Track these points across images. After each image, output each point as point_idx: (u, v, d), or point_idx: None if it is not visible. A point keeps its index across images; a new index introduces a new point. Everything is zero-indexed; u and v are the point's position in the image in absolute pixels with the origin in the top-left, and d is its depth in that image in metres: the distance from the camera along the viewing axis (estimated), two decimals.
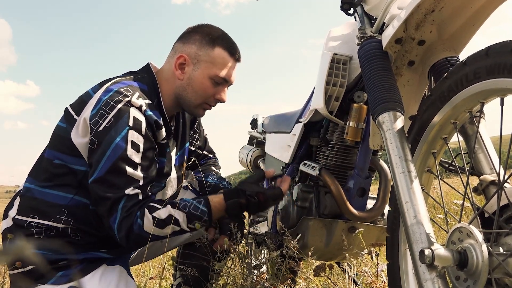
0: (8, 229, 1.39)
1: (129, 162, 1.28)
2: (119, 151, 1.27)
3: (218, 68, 1.45)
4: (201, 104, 1.49)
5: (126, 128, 1.28)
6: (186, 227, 1.33)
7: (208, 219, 1.35)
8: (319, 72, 1.46)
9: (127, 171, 1.28)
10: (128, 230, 1.28)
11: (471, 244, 0.73)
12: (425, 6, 0.96)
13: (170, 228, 1.31)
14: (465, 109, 0.89)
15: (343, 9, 1.28)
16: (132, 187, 1.28)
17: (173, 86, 1.48)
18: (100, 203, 1.29)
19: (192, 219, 1.33)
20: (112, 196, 1.26)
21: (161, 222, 1.30)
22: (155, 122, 1.36)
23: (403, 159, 0.88)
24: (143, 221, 1.28)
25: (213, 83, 1.46)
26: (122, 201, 1.27)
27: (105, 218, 1.30)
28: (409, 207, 0.82)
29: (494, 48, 0.77)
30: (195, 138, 1.80)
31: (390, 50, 1.07)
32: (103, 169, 1.27)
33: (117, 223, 1.28)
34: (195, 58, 1.45)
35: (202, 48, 1.45)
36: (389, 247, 1.10)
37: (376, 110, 0.96)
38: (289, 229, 1.51)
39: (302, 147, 1.70)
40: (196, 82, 1.45)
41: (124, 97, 1.31)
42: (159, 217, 1.30)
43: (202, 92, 1.46)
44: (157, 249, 1.69)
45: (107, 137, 1.28)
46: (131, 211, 1.28)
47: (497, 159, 0.89)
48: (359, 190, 1.47)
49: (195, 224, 1.34)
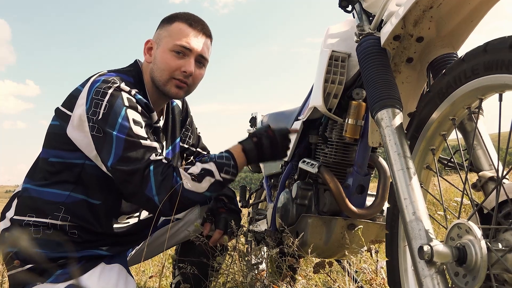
0: (6, 230, 1.40)
1: (138, 136, 1.31)
2: (125, 130, 1.29)
3: (175, 38, 1.45)
4: (169, 79, 1.46)
5: (124, 108, 1.31)
6: (219, 176, 1.36)
7: (234, 163, 1.40)
8: (318, 69, 1.45)
9: (141, 143, 1.30)
10: (170, 191, 1.29)
11: (470, 240, 0.73)
12: (423, 2, 0.96)
13: (207, 180, 1.34)
14: (463, 105, 0.89)
15: (341, 6, 1.28)
16: (153, 154, 1.31)
17: (148, 73, 1.50)
18: (129, 180, 1.29)
19: (221, 167, 1.37)
20: (140, 167, 1.28)
21: (198, 176, 1.34)
22: (145, 104, 1.39)
23: (402, 155, 0.88)
24: (181, 179, 1.31)
25: (174, 55, 1.45)
26: (151, 168, 1.29)
27: (139, 193, 1.29)
28: (408, 204, 0.82)
29: (492, 44, 0.77)
30: (187, 136, 1.80)
31: (389, 47, 1.06)
32: (118, 150, 1.28)
33: (156, 189, 1.28)
34: (157, 38, 1.49)
35: (163, 27, 1.49)
36: (388, 244, 1.10)
37: (375, 107, 0.96)
38: (288, 226, 1.51)
39: (301, 145, 1.70)
40: (159, 59, 1.46)
41: (112, 84, 1.34)
42: (194, 172, 1.34)
43: (165, 66, 1.45)
44: (157, 247, 1.69)
45: (109, 121, 1.30)
46: (166, 173, 1.30)
47: (496, 155, 0.89)
48: (358, 187, 1.47)
49: (226, 173, 1.38)
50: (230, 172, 1.38)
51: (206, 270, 1.51)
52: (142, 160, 1.28)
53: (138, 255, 1.69)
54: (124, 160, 1.28)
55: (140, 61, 1.56)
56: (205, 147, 1.92)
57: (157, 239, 1.65)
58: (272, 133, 1.47)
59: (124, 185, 1.31)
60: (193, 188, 1.31)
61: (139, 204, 1.38)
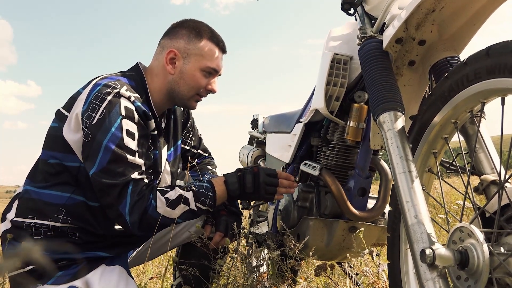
0: (7, 231, 1.40)
1: (127, 149, 1.31)
2: (116, 140, 1.29)
3: (207, 59, 1.50)
4: (194, 96, 1.54)
5: (120, 118, 1.31)
6: (194, 206, 1.36)
7: (212, 194, 1.39)
8: (320, 72, 1.46)
9: (128, 158, 1.30)
10: (142, 213, 1.29)
11: (472, 243, 0.73)
12: (425, 6, 0.96)
13: (181, 207, 1.34)
14: (465, 109, 0.89)
15: (343, 9, 1.28)
16: (136, 172, 1.32)
17: (164, 81, 1.50)
18: (107, 192, 1.29)
19: (199, 197, 1.37)
20: (119, 183, 1.28)
21: (172, 202, 1.33)
22: (143, 112, 1.39)
23: (404, 159, 0.88)
24: (156, 202, 1.31)
25: (204, 75, 1.51)
26: (130, 186, 1.29)
27: (113, 207, 1.30)
28: (410, 207, 0.82)
29: (495, 48, 0.77)
30: (188, 137, 1.81)
31: (391, 50, 1.07)
32: (104, 160, 1.28)
33: (129, 208, 1.29)
34: (184, 52, 1.49)
35: (191, 42, 1.49)
36: (390, 247, 1.10)
37: (377, 110, 0.96)
38: (289, 229, 1.51)
39: (303, 147, 1.70)
40: (188, 75, 1.49)
41: (112, 89, 1.34)
42: (170, 197, 1.33)
43: (194, 84, 1.50)
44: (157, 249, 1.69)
45: (102, 129, 1.30)
46: (142, 194, 1.30)
47: (498, 159, 0.89)
48: (360, 190, 1.46)
49: (202, 203, 1.37)
50: (206, 203, 1.37)
51: (207, 272, 1.51)
52: (123, 176, 1.29)
53: (138, 257, 1.69)
54: (106, 172, 1.29)
55: (142, 64, 1.56)
56: (206, 148, 1.92)
57: (157, 241, 1.65)
58: (257, 169, 1.44)
59: (101, 194, 1.32)
60: (165, 213, 1.32)
61: (111, 216, 1.38)
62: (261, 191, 1.43)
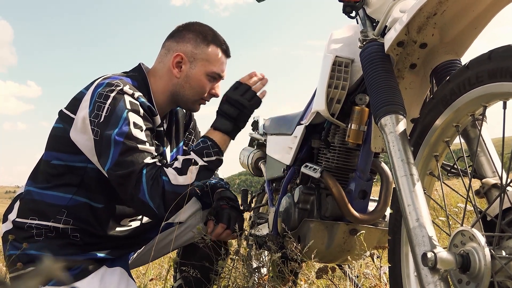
0: (8, 232, 1.40)
1: (137, 140, 1.31)
2: (125, 133, 1.30)
3: (213, 64, 1.52)
4: (198, 100, 1.56)
5: (126, 111, 1.32)
6: (202, 161, 1.37)
7: (211, 143, 1.40)
8: (321, 74, 1.45)
9: (138, 147, 1.31)
10: (161, 193, 1.29)
11: (474, 247, 0.73)
12: (427, 9, 0.96)
13: (192, 169, 1.35)
14: (467, 112, 0.89)
15: (345, 12, 1.28)
16: (148, 157, 1.32)
17: (168, 84, 1.51)
18: (125, 184, 1.29)
19: (201, 151, 1.38)
20: (133, 170, 1.28)
21: (182, 169, 1.34)
22: (148, 107, 1.39)
23: (405, 161, 0.88)
24: (167, 176, 1.31)
25: (208, 79, 1.53)
26: (144, 171, 1.29)
27: (134, 198, 1.30)
28: (411, 210, 0.82)
29: (497, 52, 0.77)
30: (190, 139, 1.82)
31: (392, 53, 1.07)
32: (115, 153, 1.29)
33: (148, 193, 1.29)
34: (191, 57, 1.50)
35: (198, 46, 1.51)
36: (390, 249, 1.10)
37: (378, 112, 0.97)
38: (290, 231, 1.51)
39: (304, 149, 1.70)
40: (194, 80, 1.51)
41: (116, 87, 1.35)
42: (178, 166, 1.34)
43: (199, 89, 1.52)
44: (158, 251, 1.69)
45: (109, 124, 1.30)
46: (155, 176, 1.30)
47: (499, 162, 0.89)
48: (361, 192, 1.46)
49: (208, 155, 1.38)
50: (211, 153, 1.38)
51: (208, 273, 1.51)
52: (137, 163, 1.29)
53: (139, 259, 1.69)
54: (119, 164, 1.29)
55: (144, 64, 1.56)
56: None
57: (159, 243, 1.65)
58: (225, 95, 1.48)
59: (121, 188, 1.32)
60: (181, 182, 1.32)
61: (138, 210, 1.38)
62: (244, 103, 1.46)
